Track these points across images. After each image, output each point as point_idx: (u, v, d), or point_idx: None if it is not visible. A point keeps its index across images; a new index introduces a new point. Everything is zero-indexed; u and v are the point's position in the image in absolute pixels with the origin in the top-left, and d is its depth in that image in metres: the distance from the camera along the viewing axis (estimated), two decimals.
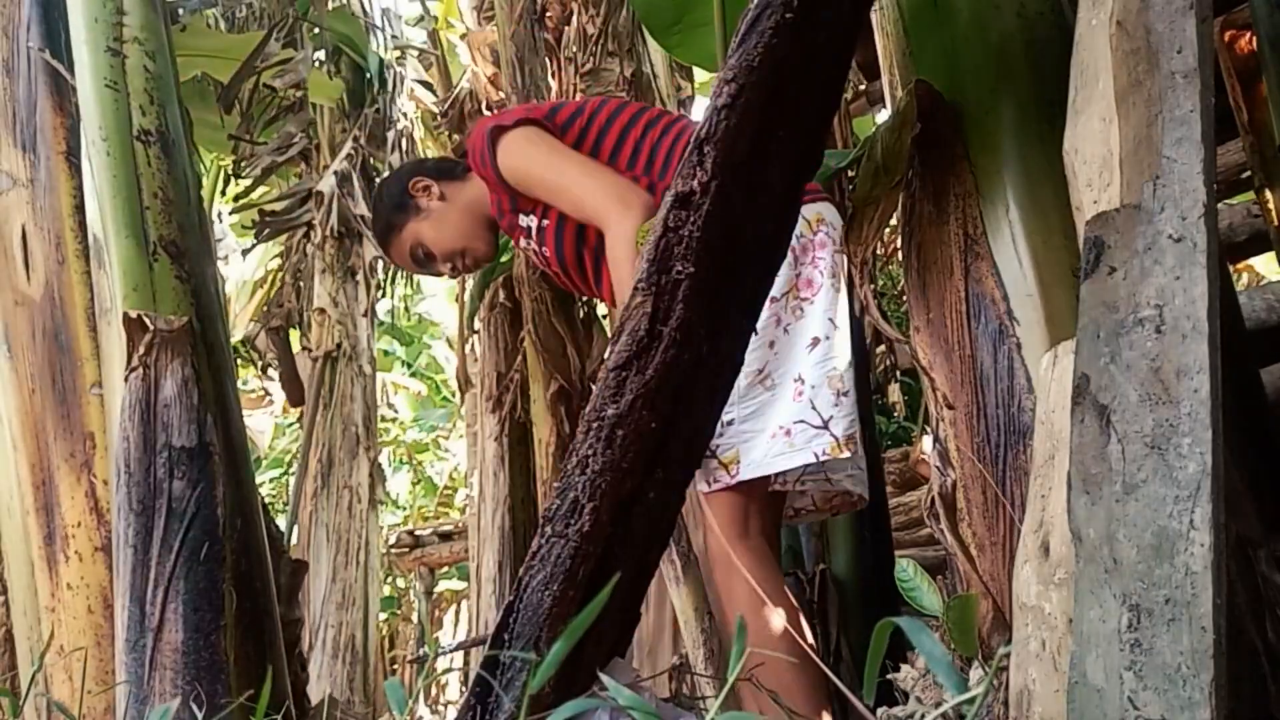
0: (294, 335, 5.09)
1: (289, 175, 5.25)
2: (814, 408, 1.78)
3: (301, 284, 4.98)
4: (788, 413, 1.79)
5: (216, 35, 4.45)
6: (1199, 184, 0.96)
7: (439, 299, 9.12)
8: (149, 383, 1.82)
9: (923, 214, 1.53)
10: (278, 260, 5.93)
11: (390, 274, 5.45)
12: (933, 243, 1.50)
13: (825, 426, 1.77)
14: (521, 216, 2.04)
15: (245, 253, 5.69)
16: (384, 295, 5.59)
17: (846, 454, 1.78)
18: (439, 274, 2.29)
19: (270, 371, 4.93)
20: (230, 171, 4.90)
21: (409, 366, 9.75)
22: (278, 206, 4.58)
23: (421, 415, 9.39)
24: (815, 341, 1.81)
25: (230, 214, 5.39)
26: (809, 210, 1.88)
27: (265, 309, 4.95)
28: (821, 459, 1.77)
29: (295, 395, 4.65)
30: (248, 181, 4.71)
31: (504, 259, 3.53)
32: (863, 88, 3.84)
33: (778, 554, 1.91)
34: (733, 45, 0.94)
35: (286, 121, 4.74)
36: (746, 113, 0.92)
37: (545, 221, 2.01)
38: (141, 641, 1.70)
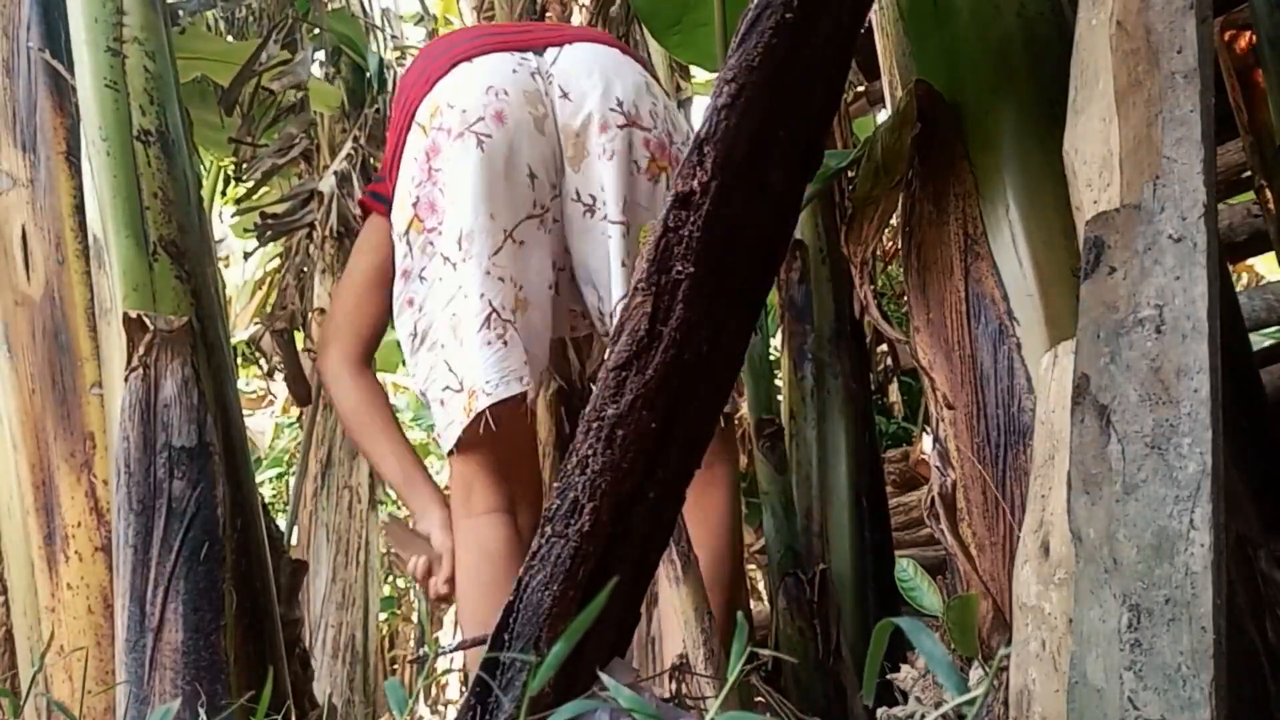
0: (299, 336, 5.09)
1: (290, 176, 5.25)
2: (450, 370, 1.57)
3: (305, 285, 4.98)
4: (441, 379, 1.58)
5: (217, 39, 4.45)
6: (1199, 184, 0.96)
7: None
8: (149, 383, 1.82)
9: (923, 214, 1.53)
10: (278, 260, 5.93)
11: None
12: (933, 243, 1.50)
13: (461, 387, 1.55)
14: None
15: (248, 255, 5.69)
16: None
17: (472, 415, 1.53)
18: None
19: (269, 377, 4.93)
20: (232, 174, 4.90)
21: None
22: (280, 209, 4.57)
23: (421, 415, 9.39)
24: (432, 285, 1.57)
25: (234, 216, 5.39)
26: (422, 109, 1.56)
27: (270, 311, 4.94)
28: (463, 427, 1.56)
29: (302, 395, 4.64)
30: (249, 183, 4.71)
31: None
32: (862, 88, 3.84)
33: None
34: (733, 45, 0.94)
35: (287, 123, 4.73)
36: (746, 113, 0.92)
37: None
38: (141, 641, 1.70)
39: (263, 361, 4.70)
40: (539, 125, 1.61)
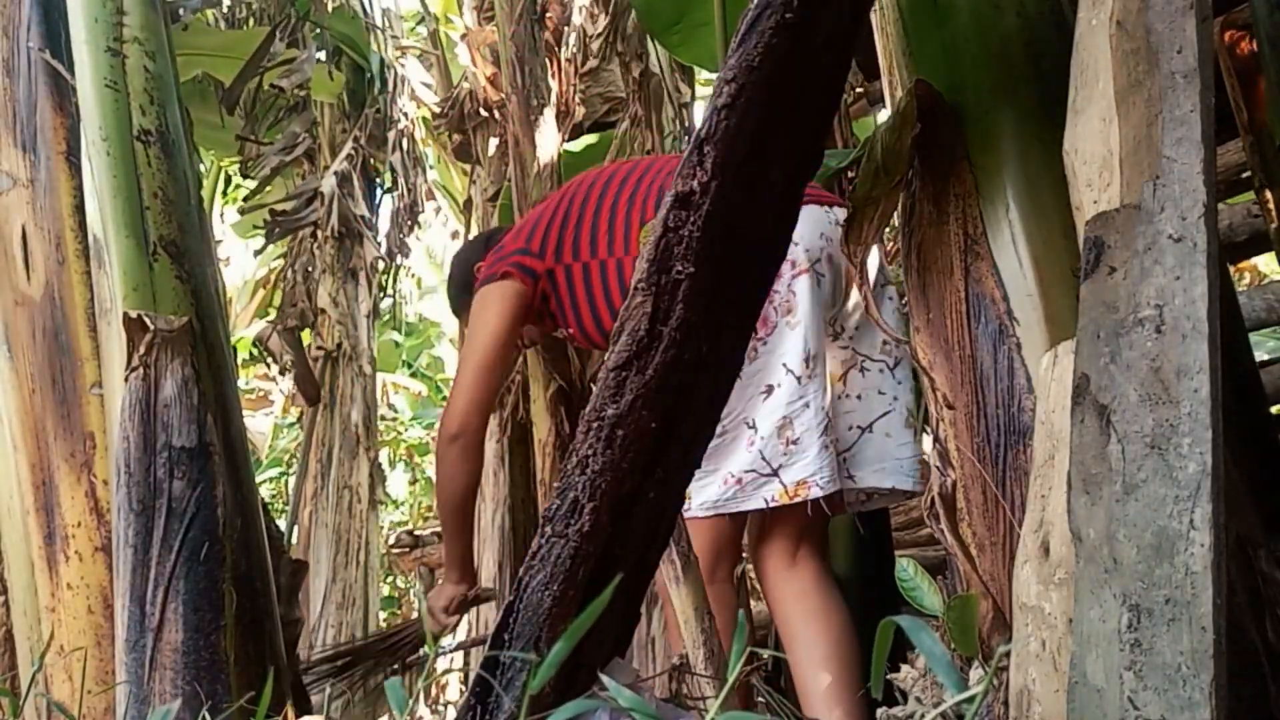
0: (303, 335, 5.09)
1: (291, 175, 5.25)
2: (764, 458, 1.79)
3: (311, 283, 4.99)
4: (740, 461, 1.80)
5: (216, 33, 4.45)
6: (1199, 184, 0.96)
7: (439, 297, 9.12)
8: (149, 383, 1.82)
9: (923, 214, 1.52)
10: (279, 260, 5.93)
11: (391, 274, 5.45)
12: (933, 243, 1.50)
13: (775, 474, 1.79)
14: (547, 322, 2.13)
15: (258, 253, 5.69)
16: (385, 295, 5.60)
17: (799, 499, 1.77)
18: None
19: (276, 372, 4.93)
20: (240, 172, 4.90)
21: (409, 366, 9.76)
22: (288, 206, 4.58)
23: (421, 415, 9.39)
24: (769, 389, 1.79)
25: (242, 214, 5.39)
26: None
27: (279, 309, 4.94)
28: (771, 505, 1.79)
29: (311, 394, 4.64)
30: (251, 182, 4.71)
31: None
32: (861, 89, 3.84)
33: (823, 560, 1.93)
34: (733, 45, 0.94)
35: (291, 121, 4.74)
36: (746, 113, 0.92)
37: (570, 330, 2.09)
38: (141, 641, 1.70)
39: (269, 361, 4.70)
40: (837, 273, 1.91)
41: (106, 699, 1.87)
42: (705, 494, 1.81)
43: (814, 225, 1.86)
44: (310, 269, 4.94)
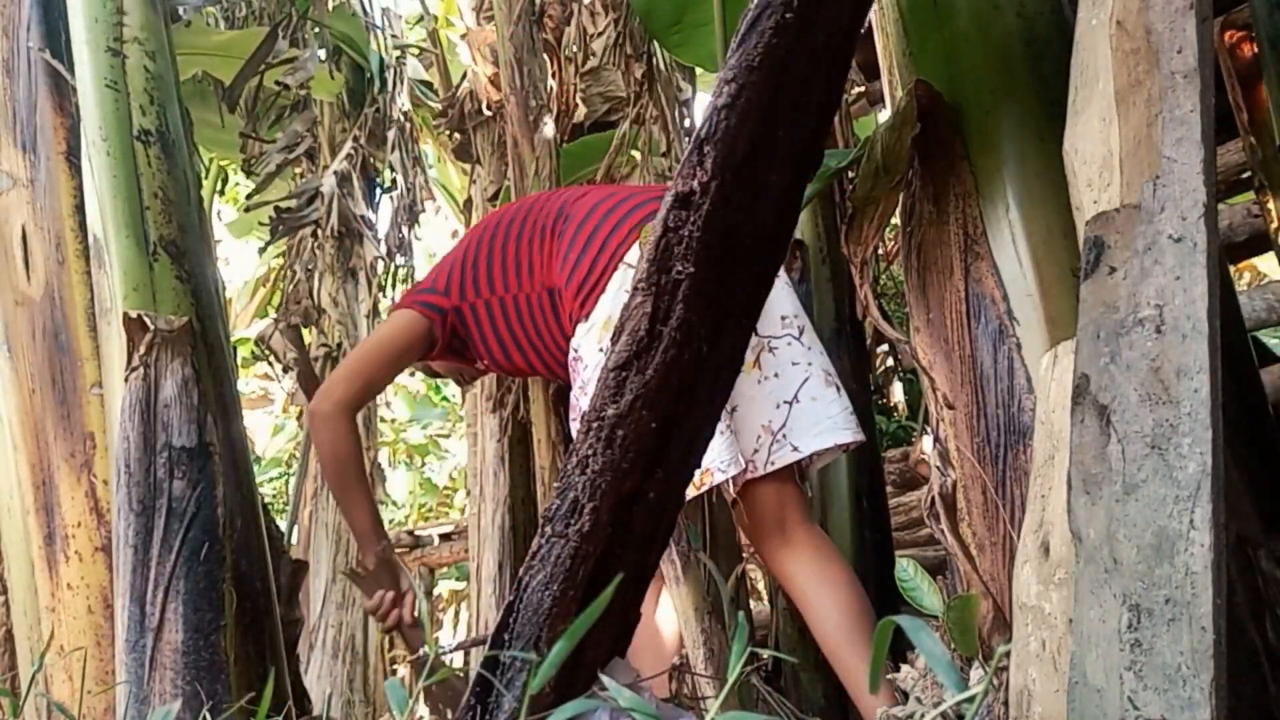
0: (307, 334, 5.09)
1: (289, 175, 5.25)
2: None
3: (313, 281, 4.98)
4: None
5: (216, 33, 4.45)
6: (1199, 184, 0.96)
7: None
8: (149, 383, 1.82)
9: (923, 214, 1.53)
10: (279, 260, 5.93)
11: (391, 274, 5.44)
12: (933, 243, 1.50)
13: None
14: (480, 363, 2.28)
15: (262, 250, 5.68)
16: (385, 295, 5.59)
17: (705, 487, 1.83)
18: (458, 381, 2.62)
19: (280, 370, 4.92)
20: (242, 168, 4.89)
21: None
22: (292, 204, 4.57)
23: (419, 415, 9.40)
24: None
25: (247, 210, 5.38)
26: (632, 254, 1.93)
27: (283, 307, 4.93)
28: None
29: (313, 393, 4.63)
30: (250, 181, 4.71)
31: None
32: (862, 88, 3.84)
33: (812, 527, 1.98)
34: (733, 45, 0.94)
35: (292, 120, 4.74)
36: (746, 113, 0.92)
37: (483, 361, 2.24)
38: (141, 641, 1.70)
39: (270, 359, 4.69)
40: None
41: (106, 699, 1.87)
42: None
43: None
44: (312, 267, 4.93)
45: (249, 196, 4.89)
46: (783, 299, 1.99)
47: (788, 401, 1.94)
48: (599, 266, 1.95)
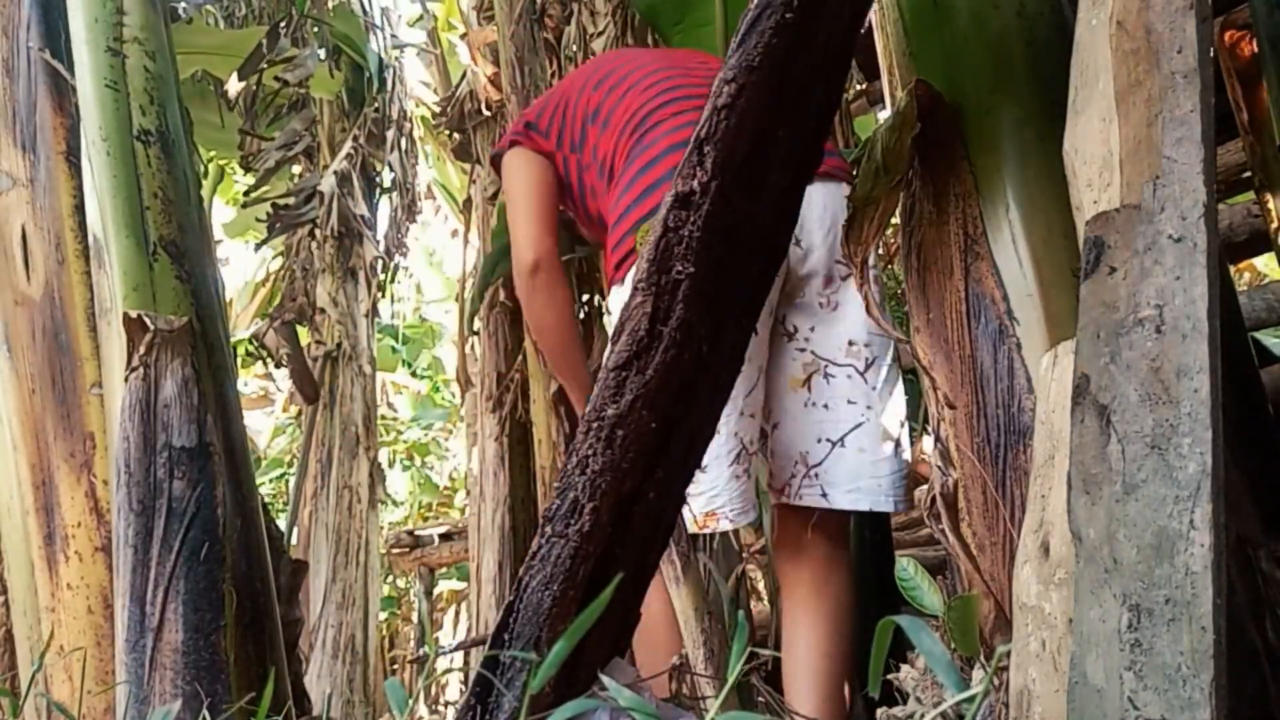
0: (303, 333, 5.08)
1: (287, 173, 5.25)
2: None
3: (310, 280, 4.98)
4: None
5: (216, 32, 4.45)
6: (1199, 184, 0.96)
7: (440, 299, 9.14)
8: (149, 383, 1.82)
9: (923, 214, 1.52)
10: (279, 260, 5.92)
11: (390, 274, 5.44)
12: (933, 243, 1.50)
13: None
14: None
15: (258, 247, 5.68)
16: (384, 295, 5.59)
17: (707, 529, 1.73)
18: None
19: (276, 369, 4.92)
20: (240, 164, 4.90)
21: (409, 365, 9.76)
22: (290, 201, 4.57)
23: (420, 415, 9.40)
24: None
25: (244, 207, 5.38)
26: None
27: (278, 304, 4.93)
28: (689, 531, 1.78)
29: (309, 392, 4.63)
30: (247, 179, 4.71)
31: (504, 262, 3.52)
32: (862, 88, 3.84)
33: (832, 551, 1.86)
34: (733, 45, 0.94)
35: (291, 119, 4.74)
36: (746, 113, 0.92)
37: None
38: (141, 641, 1.70)
39: (265, 358, 4.69)
40: None
41: (106, 699, 1.87)
42: None
43: None
44: (309, 265, 4.93)
45: (247, 194, 4.89)
46: (853, 321, 1.79)
47: (831, 441, 1.77)
48: (645, 207, 1.75)
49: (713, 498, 1.71)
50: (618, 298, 1.77)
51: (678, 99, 1.85)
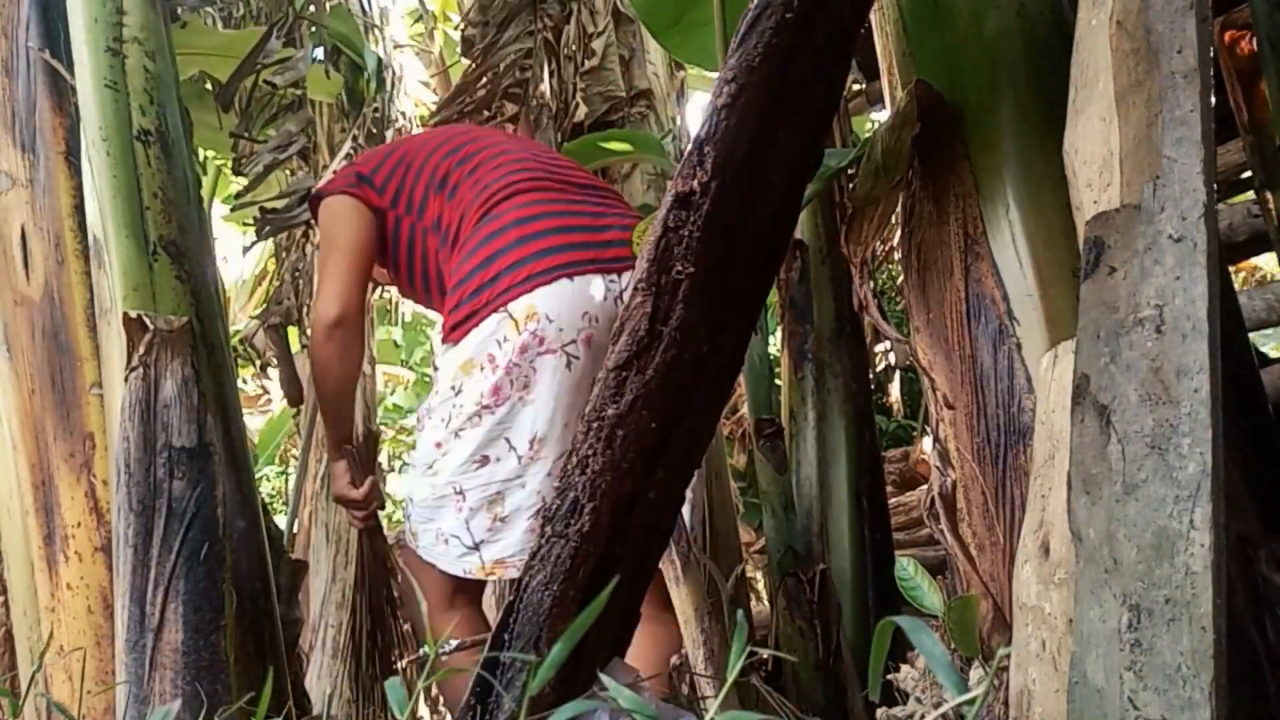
0: (294, 334, 5.07)
1: (284, 175, 5.23)
2: (469, 529, 1.74)
3: (301, 281, 4.97)
4: (448, 522, 1.76)
5: (215, 33, 4.45)
6: (1199, 184, 0.96)
7: None
8: (149, 383, 1.82)
9: (923, 214, 1.53)
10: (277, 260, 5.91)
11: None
12: (933, 243, 1.50)
13: (476, 548, 1.74)
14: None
15: (246, 249, 5.67)
16: (382, 296, 5.59)
17: (493, 577, 1.75)
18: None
19: (269, 371, 4.91)
20: (231, 169, 4.89)
21: (404, 363, 9.76)
22: (280, 204, 4.56)
23: (416, 409, 9.38)
24: (484, 460, 1.73)
25: (232, 209, 5.37)
26: (517, 305, 1.72)
27: (265, 306, 4.92)
28: (467, 575, 1.76)
29: (295, 394, 4.63)
30: (245, 179, 4.70)
31: None
32: (861, 88, 3.84)
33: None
34: (733, 45, 0.94)
35: (286, 120, 4.72)
36: (746, 113, 0.92)
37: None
38: (141, 641, 1.70)
39: (252, 359, 4.68)
40: None
41: (106, 699, 1.87)
42: (422, 540, 1.80)
43: (579, 301, 1.74)
44: (298, 268, 4.92)
45: (237, 196, 4.88)
46: (539, 415, 1.74)
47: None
48: (482, 299, 1.76)
49: (507, 545, 1.74)
50: (451, 358, 1.79)
51: (528, 179, 1.90)
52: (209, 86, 4.50)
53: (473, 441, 1.73)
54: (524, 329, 1.72)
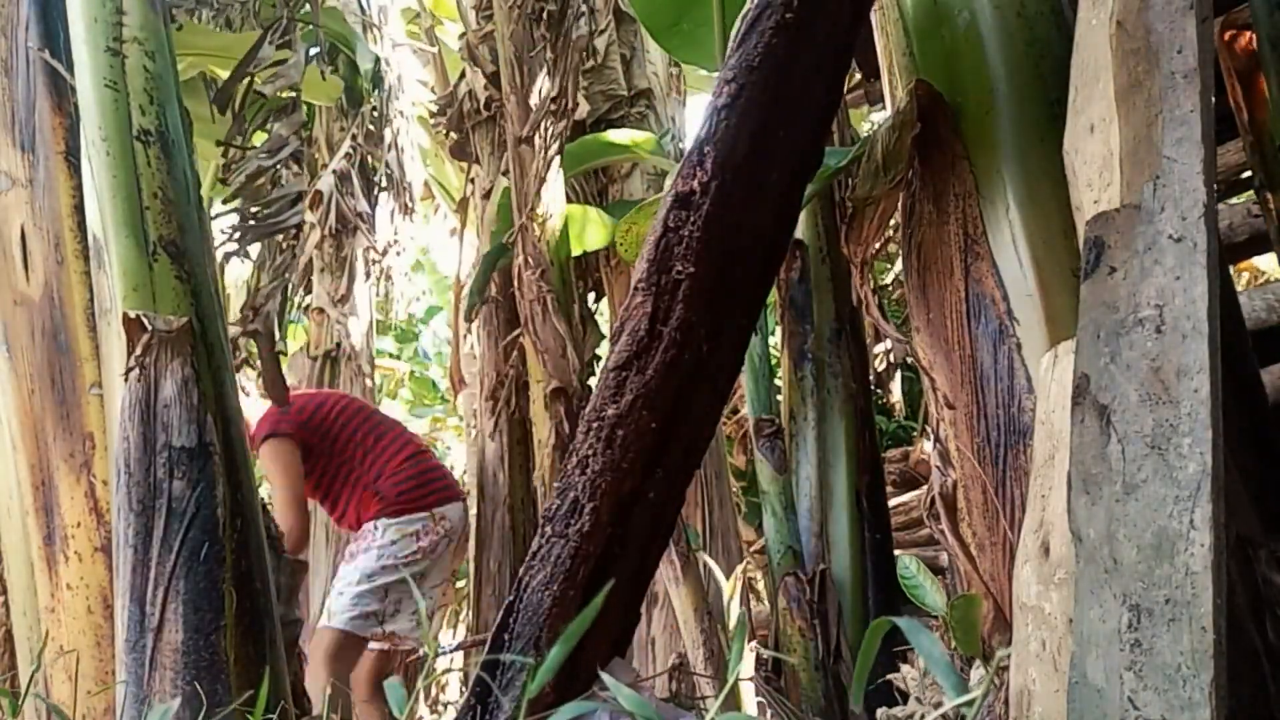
0: (296, 335, 5.06)
1: (277, 178, 5.22)
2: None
3: (290, 284, 4.96)
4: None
5: (216, 34, 4.44)
6: (1199, 184, 0.96)
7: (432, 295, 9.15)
8: (149, 383, 1.81)
9: (923, 214, 1.52)
10: (278, 256, 5.90)
11: (387, 274, 5.43)
12: (933, 243, 1.50)
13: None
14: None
15: (226, 258, 5.66)
16: (380, 295, 5.58)
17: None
18: None
19: (244, 370, 4.90)
20: (218, 177, 4.87)
21: (398, 359, 9.78)
22: (269, 210, 4.54)
23: (422, 413, 9.39)
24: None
25: (214, 218, 5.36)
26: (443, 508, 3.14)
27: (240, 315, 4.92)
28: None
29: (278, 398, 4.62)
30: (234, 184, 4.68)
31: (503, 260, 3.53)
32: (859, 86, 3.84)
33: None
34: (732, 45, 0.94)
35: (280, 124, 4.71)
36: (746, 113, 0.92)
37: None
38: (141, 641, 1.70)
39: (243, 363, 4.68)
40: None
41: (106, 699, 1.87)
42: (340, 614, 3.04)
43: (457, 514, 3.18)
44: (285, 274, 4.91)
45: (225, 201, 4.86)
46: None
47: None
48: (425, 490, 3.07)
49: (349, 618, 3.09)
50: (387, 527, 3.09)
51: (394, 426, 3.34)
52: (203, 84, 4.49)
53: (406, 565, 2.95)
54: (438, 520, 3.07)
